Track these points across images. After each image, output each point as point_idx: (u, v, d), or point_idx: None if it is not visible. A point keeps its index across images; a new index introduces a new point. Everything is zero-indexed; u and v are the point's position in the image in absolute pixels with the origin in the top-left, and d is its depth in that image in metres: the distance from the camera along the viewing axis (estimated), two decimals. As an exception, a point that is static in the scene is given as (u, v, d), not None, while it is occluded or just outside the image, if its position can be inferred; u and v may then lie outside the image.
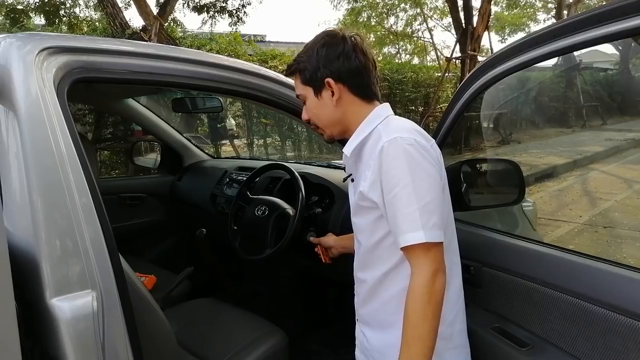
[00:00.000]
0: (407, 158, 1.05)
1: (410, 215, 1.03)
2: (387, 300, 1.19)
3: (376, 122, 1.17)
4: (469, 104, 1.46)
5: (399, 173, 1.05)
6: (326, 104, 1.20)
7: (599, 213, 5.21)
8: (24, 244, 0.94)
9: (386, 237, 1.14)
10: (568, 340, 1.15)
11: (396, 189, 1.05)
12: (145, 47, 1.33)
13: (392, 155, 1.06)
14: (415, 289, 1.03)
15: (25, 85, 0.99)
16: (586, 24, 1.02)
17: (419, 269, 1.04)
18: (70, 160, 1.00)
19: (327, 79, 1.17)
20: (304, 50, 1.22)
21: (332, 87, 1.18)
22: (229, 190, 2.58)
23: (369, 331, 1.27)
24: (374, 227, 1.16)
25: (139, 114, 2.87)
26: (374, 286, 1.22)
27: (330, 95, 1.18)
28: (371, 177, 1.11)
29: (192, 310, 2.01)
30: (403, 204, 1.04)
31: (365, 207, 1.16)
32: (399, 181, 1.04)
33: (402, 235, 1.04)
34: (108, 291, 0.99)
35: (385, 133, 1.10)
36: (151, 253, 2.93)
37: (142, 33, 7.44)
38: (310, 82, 1.20)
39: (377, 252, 1.18)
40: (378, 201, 1.10)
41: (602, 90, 12.56)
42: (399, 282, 1.15)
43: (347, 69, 1.16)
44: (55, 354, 0.93)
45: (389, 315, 1.18)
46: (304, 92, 1.23)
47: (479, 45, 10.23)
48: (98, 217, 1.01)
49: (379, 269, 1.19)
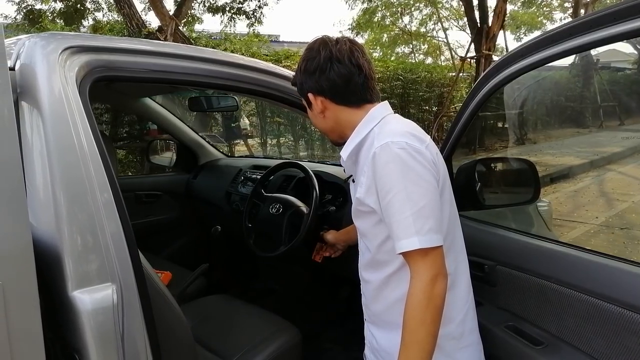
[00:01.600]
0: (399, 163, 1.04)
1: (404, 221, 1.02)
2: (394, 302, 1.17)
3: (372, 124, 1.16)
4: (484, 104, 1.46)
5: (392, 179, 1.04)
6: (316, 116, 1.23)
7: (616, 214, 5.14)
8: (48, 238, 0.96)
9: (387, 240, 1.13)
10: (583, 339, 1.15)
11: (389, 195, 1.04)
12: (164, 46, 1.36)
13: (383, 161, 1.05)
14: (414, 294, 1.03)
15: (49, 84, 1.02)
16: (603, 21, 1.02)
17: (416, 274, 1.03)
18: (92, 157, 1.02)
19: (308, 94, 1.19)
20: (298, 63, 1.23)
21: (313, 101, 1.19)
22: (243, 188, 2.61)
23: (377, 331, 1.27)
24: (375, 231, 1.16)
25: (156, 112, 2.91)
26: (379, 287, 1.22)
27: (317, 108, 1.20)
28: (366, 183, 1.11)
29: (206, 306, 2.03)
30: (396, 210, 1.03)
31: (364, 211, 1.16)
32: (392, 187, 1.04)
33: (397, 241, 1.04)
34: (127, 285, 1.01)
35: (378, 138, 1.09)
36: (167, 250, 2.96)
37: (158, 33, 7.51)
38: (300, 95, 1.24)
39: (380, 255, 1.18)
40: (375, 207, 1.11)
41: (619, 89, 12.36)
42: (403, 284, 1.12)
43: (325, 82, 1.15)
44: (77, 345, 0.96)
45: (396, 317, 1.16)
46: (304, 102, 1.25)
47: (494, 44, 10.14)
48: (118, 213, 1.03)
49: (384, 271, 1.18)
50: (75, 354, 0.96)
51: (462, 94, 11.44)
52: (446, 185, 1.15)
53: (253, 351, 1.68)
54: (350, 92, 1.17)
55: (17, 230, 0.86)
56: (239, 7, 9.73)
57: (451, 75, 11.42)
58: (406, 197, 1.02)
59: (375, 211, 1.12)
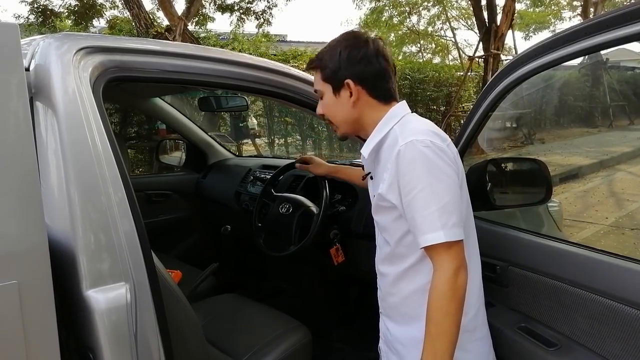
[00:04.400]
0: (424, 160, 1.07)
1: (429, 216, 1.05)
2: (409, 295, 1.21)
3: (392, 122, 1.19)
4: (496, 103, 1.45)
5: (417, 175, 1.07)
6: (343, 104, 1.22)
7: (626, 215, 5.10)
8: (62, 237, 0.97)
9: (406, 235, 1.17)
10: (597, 341, 1.14)
11: (414, 191, 1.07)
12: (175, 46, 1.36)
13: (408, 158, 1.08)
14: (438, 286, 1.06)
15: (63, 84, 1.03)
16: (619, 21, 1.01)
17: (441, 267, 1.06)
18: (106, 156, 1.03)
19: (347, 80, 1.19)
20: (328, 48, 1.23)
21: (351, 89, 1.19)
22: (252, 188, 2.61)
23: (391, 324, 1.30)
24: (395, 226, 1.19)
25: (165, 112, 2.92)
26: (395, 280, 1.24)
27: (349, 96, 1.20)
28: (389, 180, 1.13)
29: (216, 305, 2.04)
30: (421, 205, 1.06)
31: (385, 207, 1.18)
32: (417, 184, 1.06)
33: (422, 235, 1.07)
34: (140, 284, 1.02)
35: (402, 136, 1.12)
36: (177, 249, 2.98)
37: (167, 33, 7.55)
38: (330, 80, 1.22)
39: (398, 249, 1.21)
40: (396, 202, 1.13)
41: (629, 89, 12.26)
42: (421, 277, 1.17)
43: (369, 72, 1.19)
44: (90, 343, 0.96)
45: (411, 309, 1.21)
46: (323, 89, 1.24)
47: (502, 43, 10.09)
48: (131, 212, 1.04)
49: (401, 265, 1.21)
50: (89, 352, 0.97)
51: (470, 93, 11.40)
52: (463, 184, 1.19)
53: (263, 350, 1.68)
54: (385, 88, 1.22)
55: (33, 230, 0.87)
56: (248, 7, 9.75)
57: (459, 75, 11.38)
58: (431, 193, 1.06)
59: (395, 207, 1.14)
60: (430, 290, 1.07)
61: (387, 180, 1.14)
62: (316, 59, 1.25)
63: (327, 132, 8.49)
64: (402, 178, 1.09)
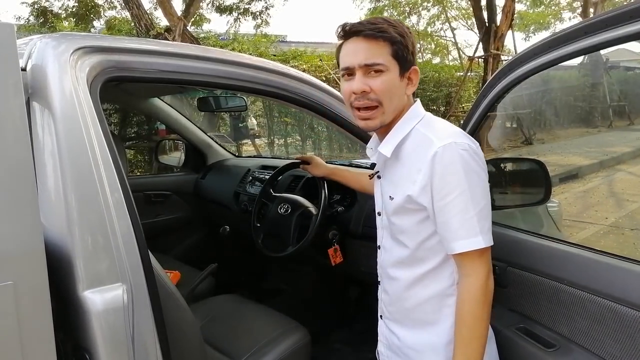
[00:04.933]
0: (463, 163, 1.04)
1: (468, 221, 1.04)
2: (425, 300, 1.18)
3: (414, 121, 1.15)
4: (495, 103, 1.44)
5: (456, 179, 1.04)
6: (402, 89, 1.14)
7: (626, 215, 5.10)
8: (59, 238, 0.97)
9: (430, 238, 1.14)
10: (596, 342, 1.13)
11: (451, 195, 1.04)
12: (175, 47, 1.36)
13: (447, 161, 1.04)
14: (472, 291, 1.06)
15: (60, 84, 1.02)
16: (619, 20, 1.00)
17: (474, 272, 1.07)
18: (103, 157, 1.03)
19: (414, 67, 1.14)
20: (397, 25, 1.11)
21: (413, 78, 1.15)
22: (251, 188, 2.61)
23: (400, 329, 1.26)
24: (419, 229, 1.14)
25: (164, 113, 2.92)
26: (409, 285, 1.20)
27: (406, 84, 1.14)
28: (421, 182, 1.08)
29: (215, 306, 2.03)
30: (460, 210, 1.04)
31: (411, 209, 1.13)
32: (455, 187, 1.04)
33: (459, 240, 1.05)
34: (137, 285, 1.02)
35: (437, 137, 1.08)
36: (175, 249, 2.98)
37: (167, 33, 7.55)
38: (400, 60, 1.11)
39: (419, 253, 1.17)
40: (427, 206, 1.09)
41: (629, 89, 12.26)
42: (439, 282, 1.16)
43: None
44: (87, 345, 0.96)
45: (426, 314, 1.19)
46: (389, 65, 1.09)
47: (502, 44, 10.10)
48: (129, 213, 1.03)
49: (419, 269, 1.18)
50: (85, 353, 0.96)
51: (470, 93, 11.41)
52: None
53: (262, 351, 1.67)
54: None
55: (29, 231, 0.86)
56: (246, 8, 9.76)
57: (459, 75, 11.38)
58: (470, 198, 1.04)
59: (423, 209, 1.11)
60: (463, 295, 1.08)
61: (419, 182, 1.08)
62: (389, 29, 1.09)
63: (326, 133, 8.49)
64: (438, 181, 1.05)
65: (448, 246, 1.08)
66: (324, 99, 1.61)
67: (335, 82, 4.03)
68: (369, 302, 2.54)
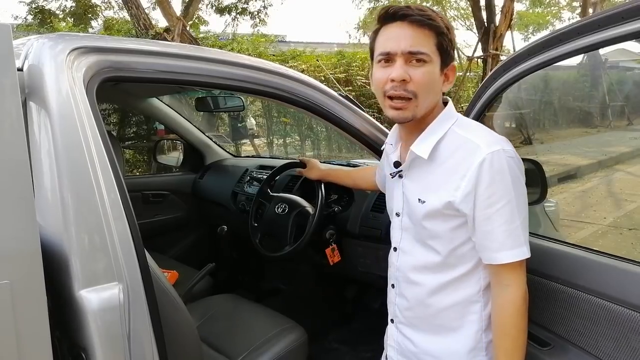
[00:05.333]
0: (511, 172, 1.02)
1: (515, 231, 1.02)
2: (449, 306, 1.14)
3: (450, 122, 1.10)
4: (491, 103, 1.45)
5: (503, 188, 1.01)
6: (439, 84, 1.09)
7: (624, 215, 5.10)
8: (55, 238, 0.97)
9: (463, 245, 1.10)
10: (590, 341, 1.14)
11: (499, 204, 1.01)
12: (171, 47, 1.36)
13: (496, 169, 1.00)
14: (516, 301, 1.05)
15: (57, 84, 1.03)
16: (611, 21, 1.01)
17: (515, 282, 1.05)
18: (99, 157, 1.03)
19: (453, 63, 1.10)
20: (442, 17, 1.06)
21: (450, 75, 1.10)
22: (249, 188, 2.62)
23: (416, 334, 1.22)
24: (452, 235, 1.10)
25: (163, 113, 2.93)
26: (433, 290, 1.15)
27: (442, 80, 1.09)
28: (465, 189, 1.03)
29: (213, 305, 2.04)
30: (506, 219, 1.02)
31: (448, 214, 1.08)
32: (503, 196, 1.01)
33: (505, 251, 1.03)
34: (134, 284, 1.02)
35: (484, 143, 1.03)
36: (173, 249, 2.98)
37: (165, 34, 7.55)
38: (443, 53, 1.06)
39: (450, 259, 1.12)
40: (469, 213, 1.04)
41: (628, 89, 12.27)
42: (466, 289, 1.13)
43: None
44: (83, 344, 0.96)
45: (449, 321, 1.16)
46: (431, 55, 1.03)
47: (501, 44, 10.10)
48: (125, 213, 1.04)
49: (447, 275, 1.13)
50: (82, 352, 0.96)
51: (469, 94, 11.39)
52: None
53: (259, 350, 1.68)
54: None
55: (25, 230, 0.87)
56: (244, 8, 9.78)
57: (458, 75, 11.37)
58: (516, 207, 1.02)
59: (461, 216, 1.06)
60: (505, 307, 1.06)
61: (462, 189, 1.03)
62: (436, 19, 1.04)
63: (325, 133, 8.49)
64: (485, 188, 1.01)
65: (490, 256, 1.05)
66: (321, 99, 1.61)
67: (334, 82, 4.02)
68: (365, 301, 2.55)
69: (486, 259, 1.07)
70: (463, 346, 1.14)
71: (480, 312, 1.13)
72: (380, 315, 1.42)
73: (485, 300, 1.13)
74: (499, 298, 1.08)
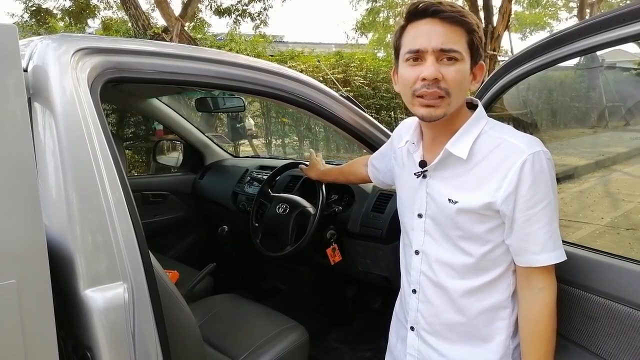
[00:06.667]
0: (549, 174, 1.01)
1: (554, 232, 1.02)
2: (479, 313, 1.11)
3: (482, 123, 1.08)
4: (491, 104, 1.46)
5: (545, 189, 1.00)
6: (469, 83, 1.07)
7: (621, 215, 5.12)
8: (60, 237, 0.97)
9: (497, 247, 1.08)
10: (591, 339, 1.15)
11: (539, 205, 1.00)
12: (173, 47, 1.37)
13: (537, 170, 0.99)
14: (549, 305, 1.05)
15: (61, 85, 1.03)
16: (612, 23, 1.02)
17: (550, 285, 1.05)
18: (104, 157, 1.03)
19: (482, 62, 1.08)
20: (472, 15, 1.04)
21: (478, 74, 1.08)
22: (249, 188, 2.62)
23: (441, 343, 1.17)
24: (488, 237, 1.07)
25: (163, 113, 2.93)
26: (461, 296, 1.12)
27: (472, 78, 1.07)
28: (507, 189, 1.00)
29: (214, 305, 2.04)
30: (547, 221, 1.01)
31: (486, 215, 1.05)
32: (544, 198, 1.00)
33: (546, 253, 1.02)
34: (138, 284, 1.02)
35: (524, 143, 1.02)
36: (174, 249, 2.98)
37: (164, 34, 7.55)
38: (474, 51, 1.04)
39: (484, 262, 1.09)
40: (508, 214, 1.02)
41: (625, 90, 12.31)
42: (496, 294, 1.10)
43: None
44: (88, 343, 0.97)
45: (479, 328, 1.12)
46: (463, 53, 1.01)
47: (499, 44, 10.15)
48: (129, 212, 1.04)
49: (477, 280, 1.10)
50: (87, 351, 0.97)
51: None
52: None
53: (260, 350, 1.69)
54: None
55: (31, 230, 0.87)
56: (244, 9, 9.78)
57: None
58: (555, 209, 1.02)
59: (498, 217, 1.04)
60: (540, 310, 1.05)
61: (504, 190, 1.01)
62: (468, 16, 1.02)
63: (324, 133, 8.50)
64: (527, 190, 0.99)
65: (531, 259, 1.03)
66: (321, 99, 1.62)
67: (333, 82, 4.03)
68: (366, 301, 2.56)
69: (524, 262, 1.05)
70: (493, 355, 1.11)
71: (509, 318, 1.12)
72: (381, 315, 1.42)
73: (512, 306, 1.12)
74: (533, 302, 1.05)
